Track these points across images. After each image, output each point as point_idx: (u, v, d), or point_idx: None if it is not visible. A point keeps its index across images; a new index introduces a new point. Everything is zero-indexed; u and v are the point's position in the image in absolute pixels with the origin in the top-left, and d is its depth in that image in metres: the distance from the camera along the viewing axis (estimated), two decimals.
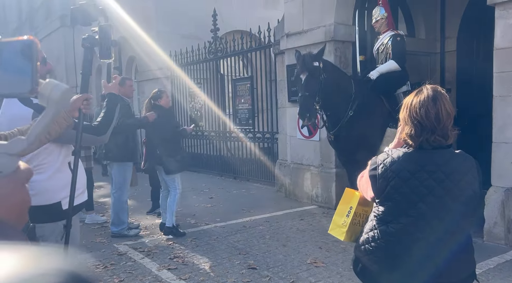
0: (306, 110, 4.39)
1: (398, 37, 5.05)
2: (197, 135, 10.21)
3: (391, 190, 1.71)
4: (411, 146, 1.73)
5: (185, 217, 5.92)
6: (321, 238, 4.78)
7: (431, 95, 1.68)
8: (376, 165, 1.76)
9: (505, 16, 4.10)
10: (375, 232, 1.78)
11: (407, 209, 1.69)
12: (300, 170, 6.77)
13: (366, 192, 1.87)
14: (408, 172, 1.69)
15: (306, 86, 4.41)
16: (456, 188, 1.67)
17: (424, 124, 1.66)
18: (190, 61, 9.96)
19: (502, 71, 4.17)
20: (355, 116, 4.70)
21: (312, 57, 4.52)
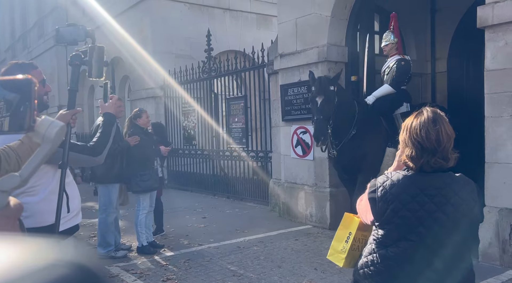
0: (321, 134, 4.66)
1: (403, 62, 5.31)
2: (190, 154, 10.17)
3: (391, 213, 1.68)
4: (411, 169, 1.72)
5: (178, 237, 5.83)
6: (316, 259, 4.72)
7: (431, 117, 1.68)
8: (376, 187, 1.75)
9: (494, 38, 4.20)
10: (374, 256, 1.75)
11: (407, 233, 1.67)
12: (294, 189, 6.75)
13: (365, 216, 1.84)
14: (408, 196, 1.67)
15: (322, 110, 4.68)
16: (457, 212, 1.65)
17: (424, 145, 1.65)
18: (184, 80, 10.01)
19: (494, 92, 4.24)
20: (357, 135, 4.95)
21: (329, 81, 4.79)
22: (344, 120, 4.91)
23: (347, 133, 4.95)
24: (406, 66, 5.29)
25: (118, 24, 11.87)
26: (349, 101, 5.04)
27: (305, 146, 6.56)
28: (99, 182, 4.86)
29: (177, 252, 5.14)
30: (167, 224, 6.40)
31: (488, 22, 4.20)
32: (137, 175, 4.91)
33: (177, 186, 10.39)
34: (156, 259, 4.91)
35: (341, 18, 6.19)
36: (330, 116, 4.69)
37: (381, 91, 5.25)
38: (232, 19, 12.10)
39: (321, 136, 4.65)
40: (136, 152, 4.90)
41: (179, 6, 11.26)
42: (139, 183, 4.92)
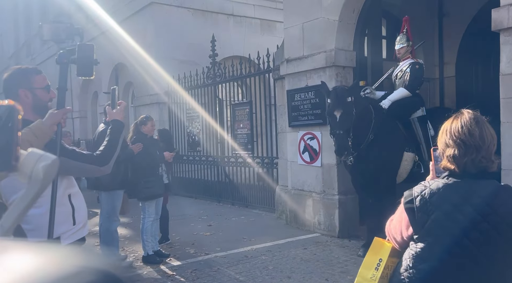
0: (344, 149, 4.59)
1: (417, 65, 5.21)
2: (195, 160, 10.07)
3: (432, 224, 1.55)
4: (453, 172, 1.59)
5: (184, 246, 5.71)
6: (326, 269, 4.59)
7: (473, 117, 1.60)
8: (413, 197, 1.61)
9: (510, 42, 4.08)
10: (412, 272, 1.60)
11: (450, 245, 1.54)
12: (302, 196, 6.62)
13: (398, 233, 1.70)
14: (450, 205, 1.54)
15: (342, 124, 4.58)
16: (504, 222, 1.52)
17: (468, 143, 1.55)
18: (189, 86, 9.93)
19: (510, 97, 4.12)
20: (375, 140, 4.84)
21: (346, 92, 4.64)
22: (362, 127, 4.80)
23: (364, 139, 4.83)
24: (420, 70, 5.20)
25: (122, 30, 11.83)
26: (366, 107, 4.92)
27: (312, 153, 6.45)
28: (103, 190, 4.75)
29: (183, 262, 5.01)
30: (172, 232, 6.28)
31: (503, 24, 4.09)
32: (141, 182, 4.80)
33: (182, 192, 10.27)
34: (162, 269, 4.78)
35: (349, 23, 6.09)
36: (350, 129, 4.59)
37: (396, 94, 5.13)
38: (236, 25, 12.05)
39: (344, 151, 4.58)
40: (140, 159, 4.81)
41: (183, 12, 11.22)
42: (143, 190, 4.82)
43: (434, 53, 7.86)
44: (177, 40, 10.83)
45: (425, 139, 5.15)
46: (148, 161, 4.86)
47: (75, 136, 14.77)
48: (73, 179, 2.16)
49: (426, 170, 4.97)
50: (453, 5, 7.48)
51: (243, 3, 12.09)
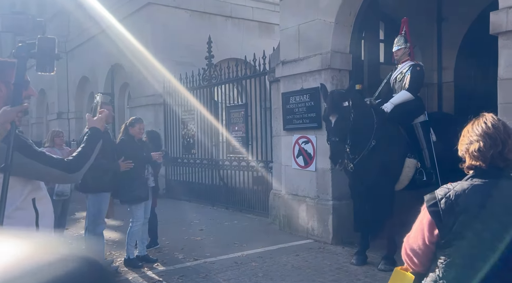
0: (338, 157, 4.36)
1: (418, 67, 5.02)
2: (189, 163, 9.93)
3: (459, 226, 1.47)
4: (479, 169, 1.53)
5: (173, 251, 5.56)
6: (317, 277, 4.45)
7: (495, 116, 1.61)
8: (437, 200, 1.53)
9: (509, 45, 3.97)
10: None
11: (482, 249, 1.45)
12: (295, 201, 6.48)
13: (420, 239, 1.59)
14: (478, 206, 1.47)
15: (337, 130, 4.34)
16: None
17: (493, 135, 1.51)
18: (184, 87, 9.80)
19: (508, 102, 4.00)
20: (377, 146, 4.64)
21: (342, 96, 4.41)
22: (363, 133, 4.58)
23: (366, 145, 4.62)
24: (421, 72, 5.01)
25: (118, 30, 11.73)
26: (367, 112, 4.71)
27: (307, 157, 6.32)
28: (90, 192, 4.61)
29: (170, 267, 4.87)
30: (162, 236, 6.14)
31: (502, 28, 3.97)
32: (126, 185, 4.67)
33: (175, 196, 10.14)
34: (148, 275, 4.64)
35: (345, 25, 5.98)
36: (347, 135, 4.35)
37: (399, 98, 4.91)
38: (234, 27, 11.96)
39: (338, 159, 4.35)
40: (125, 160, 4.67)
41: (181, 13, 11.12)
42: (127, 193, 4.69)
43: (432, 58, 7.74)
44: (174, 41, 10.72)
45: (428, 145, 5.00)
46: (134, 164, 4.72)
47: (70, 136, 14.63)
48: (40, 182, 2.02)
49: (428, 178, 4.84)
50: (452, 10, 7.37)
51: (242, 5, 12.00)
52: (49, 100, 17.88)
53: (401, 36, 5.14)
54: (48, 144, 5.83)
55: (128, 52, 11.46)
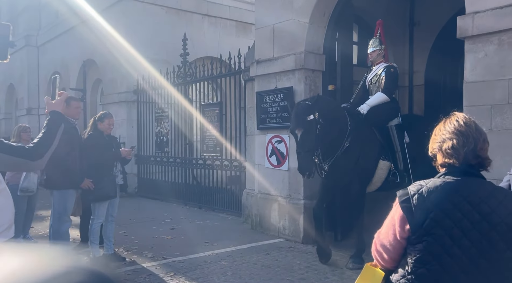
0: (306, 169, 4.36)
1: (392, 69, 5.07)
2: (162, 161, 9.80)
3: (431, 223, 1.48)
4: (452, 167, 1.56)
5: (142, 250, 5.46)
6: (286, 275, 4.46)
7: (464, 115, 1.63)
8: (409, 196, 1.54)
9: (474, 50, 4.09)
10: (410, 279, 1.52)
11: (450, 246, 1.47)
12: (268, 200, 6.49)
13: (391, 235, 1.60)
14: (450, 203, 1.48)
15: (303, 144, 4.34)
16: (503, 223, 1.47)
17: (465, 133, 1.54)
18: (158, 85, 9.67)
19: (472, 105, 4.11)
20: (350, 147, 4.66)
21: (307, 110, 4.36)
22: (336, 136, 4.61)
23: (339, 148, 4.64)
24: (395, 73, 5.06)
25: (92, 26, 11.48)
26: (339, 116, 4.71)
27: (280, 156, 6.33)
28: (55, 188, 4.47)
29: (138, 266, 4.78)
30: (132, 235, 6.03)
31: (468, 32, 4.08)
32: (93, 181, 4.55)
33: (147, 194, 9.99)
34: (115, 273, 4.53)
35: (319, 26, 6.03)
36: (314, 147, 4.37)
37: (375, 99, 4.94)
38: (210, 25, 11.89)
39: (306, 171, 4.36)
40: (93, 157, 4.55)
41: (156, 9, 10.97)
42: (94, 190, 4.56)
43: (404, 61, 7.91)
44: (149, 38, 10.56)
45: (401, 147, 5.05)
46: (101, 160, 4.61)
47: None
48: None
49: (401, 180, 4.91)
50: (424, 14, 7.55)
51: (219, 3, 11.95)
52: (18, 96, 17.33)
53: (376, 38, 5.20)
54: (14, 139, 5.63)
55: (102, 47, 11.22)
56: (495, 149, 3.92)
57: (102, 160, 4.62)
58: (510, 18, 3.81)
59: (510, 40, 3.86)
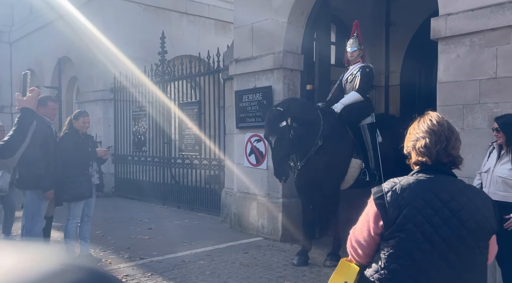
0: (282, 174, 4.45)
1: (367, 69, 5.14)
2: (140, 161, 9.68)
3: (403, 219, 1.52)
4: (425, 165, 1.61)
5: (119, 250, 5.38)
6: (264, 273, 4.47)
7: (437, 115, 1.68)
8: (383, 192, 1.58)
9: (447, 51, 4.19)
10: (383, 273, 1.55)
11: (421, 241, 1.51)
12: (247, 199, 6.49)
13: (366, 231, 1.63)
14: (422, 200, 1.53)
15: (278, 150, 4.43)
16: (472, 220, 1.52)
17: (438, 132, 1.58)
18: (136, 83, 9.54)
19: (445, 104, 4.22)
20: (323, 146, 4.72)
21: (279, 117, 4.42)
22: (309, 136, 4.68)
23: (312, 147, 4.71)
24: (371, 73, 5.14)
25: (67, 22, 11.23)
26: (312, 117, 4.78)
27: (258, 155, 6.35)
28: (27, 188, 4.35)
29: (115, 267, 4.71)
30: (108, 235, 5.94)
31: (441, 34, 4.19)
32: (68, 181, 4.45)
33: (124, 194, 9.85)
34: None
35: (297, 25, 6.07)
36: (288, 151, 4.47)
37: (348, 98, 5.02)
38: (189, 24, 11.79)
39: (282, 176, 4.46)
40: (68, 157, 4.46)
41: (134, 7, 10.81)
42: (69, 190, 4.46)
43: (380, 61, 8.04)
44: (127, 36, 10.39)
45: (373, 146, 5.14)
46: (77, 159, 4.52)
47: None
48: None
49: (371, 178, 4.99)
50: (399, 15, 7.70)
51: (197, 2, 11.86)
52: None
53: (355, 38, 5.26)
54: None
55: (78, 44, 10.99)
56: (466, 148, 4.04)
57: (77, 159, 4.53)
58: (481, 20, 3.92)
59: (481, 41, 3.98)
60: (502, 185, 3.35)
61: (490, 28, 3.88)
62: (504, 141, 3.38)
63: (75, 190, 4.47)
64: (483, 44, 3.97)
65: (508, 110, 3.75)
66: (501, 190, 3.36)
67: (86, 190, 4.57)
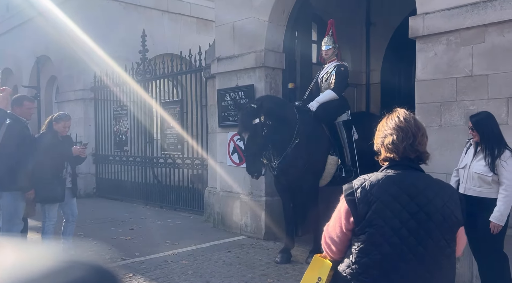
0: (254, 170, 4.46)
1: (342, 67, 5.19)
2: (122, 161, 9.57)
3: (373, 214, 1.56)
4: (393, 161, 1.65)
5: (100, 251, 5.31)
6: (247, 272, 4.48)
7: (406, 111, 1.72)
8: (353, 189, 1.62)
9: (425, 49, 4.26)
10: (354, 267, 1.59)
11: (390, 236, 1.55)
12: (230, 198, 6.49)
13: (338, 227, 1.67)
14: (390, 195, 1.57)
15: (251, 146, 4.46)
16: (439, 213, 1.57)
17: (405, 129, 1.63)
18: (117, 82, 9.42)
19: (424, 102, 4.29)
20: (300, 144, 4.75)
21: (252, 114, 4.45)
22: (285, 133, 4.71)
23: (289, 144, 4.74)
24: (346, 72, 5.19)
25: (46, 20, 11.00)
26: (287, 115, 4.80)
27: (241, 154, 6.34)
28: (4, 190, 4.26)
29: None
30: (89, 237, 5.86)
31: (419, 32, 4.26)
32: (41, 183, 4.35)
33: (106, 195, 9.72)
34: None
35: (279, 24, 6.09)
36: (261, 148, 4.50)
37: (324, 97, 5.07)
38: (171, 22, 11.70)
39: (254, 172, 4.47)
40: (44, 158, 4.36)
41: (114, 5, 10.66)
42: (41, 192, 4.37)
43: (361, 60, 8.13)
44: (107, 34, 10.23)
45: (349, 143, 5.19)
46: (52, 161, 4.43)
47: None
48: None
49: (347, 174, 5.04)
50: (379, 15, 7.79)
51: (179, 0, 11.77)
52: None
53: (330, 36, 5.32)
54: None
55: (57, 43, 10.78)
56: (444, 145, 4.13)
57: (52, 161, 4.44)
58: (457, 19, 4.00)
59: (457, 40, 4.06)
60: (478, 181, 3.43)
61: (465, 27, 3.97)
62: (478, 139, 3.46)
63: (48, 192, 4.38)
64: (459, 42, 4.05)
65: (483, 107, 3.84)
66: (477, 185, 3.44)
67: (58, 193, 4.46)
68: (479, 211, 3.39)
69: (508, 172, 3.31)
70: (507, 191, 3.30)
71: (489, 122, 3.46)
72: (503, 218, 3.32)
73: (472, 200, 3.39)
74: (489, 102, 3.89)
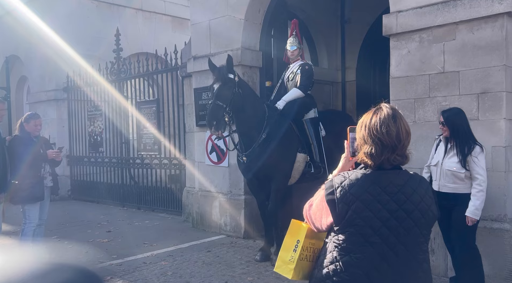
0: (213, 118, 4.39)
1: (306, 66, 5.20)
2: (97, 162, 9.38)
3: (353, 214, 1.56)
4: (370, 167, 1.62)
5: (76, 254, 5.18)
6: (227, 271, 4.47)
7: (391, 113, 1.61)
8: (333, 188, 1.60)
9: (398, 46, 4.34)
10: (337, 265, 1.59)
11: (370, 235, 1.55)
12: (208, 198, 6.45)
13: (319, 221, 1.67)
14: (369, 195, 1.56)
15: (218, 95, 4.47)
16: (417, 210, 1.58)
17: (385, 142, 1.57)
18: (90, 82, 9.21)
19: (398, 99, 4.37)
20: (267, 140, 4.76)
21: (228, 70, 4.63)
22: (254, 126, 4.73)
23: (257, 138, 4.75)
24: (310, 70, 5.21)
25: (15, 19, 10.66)
26: (257, 102, 4.92)
27: (220, 153, 6.32)
28: None
29: None
30: (65, 240, 5.72)
31: (392, 30, 4.33)
32: (19, 184, 4.25)
33: (81, 197, 9.52)
34: None
35: (255, 22, 6.08)
36: (227, 103, 4.45)
37: (290, 95, 5.10)
38: (145, 20, 11.53)
39: (213, 120, 4.36)
40: (19, 159, 4.25)
41: (86, 2, 10.42)
42: (19, 192, 4.27)
43: (337, 58, 8.21)
44: (80, 33, 10.00)
45: (317, 140, 5.23)
46: (28, 162, 4.32)
47: None
48: None
49: (316, 170, 5.08)
50: (354, 13, 7.88)
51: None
52: None
53: (294, 37, 5.34)
54: None
55: (27, 42, 10.47)
56: (419, 140, 4.22)
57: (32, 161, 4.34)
58: (429, 17, 4.09)
59: (429, 37, 4.15)
60: (452, 177, 3.51)
61: (437, 25, 4.06)
62: (449, 134, 3.54)
63: (26, 192, 4.28)
64: (431, 40, 4.14)
65: (455, 103, 3.94)
66: (450, 182, 3.53)
67: (37, 192, 4.38)
68: (455, 206, 3.48)
69: (480, 167, 3.41)
70: (481, 186, 3.40)
71: (460, 118, 3.55)
72: (478, 212, 3.42)
73: (448, 196, 3.48)
74: (460, 98, 3.99)
